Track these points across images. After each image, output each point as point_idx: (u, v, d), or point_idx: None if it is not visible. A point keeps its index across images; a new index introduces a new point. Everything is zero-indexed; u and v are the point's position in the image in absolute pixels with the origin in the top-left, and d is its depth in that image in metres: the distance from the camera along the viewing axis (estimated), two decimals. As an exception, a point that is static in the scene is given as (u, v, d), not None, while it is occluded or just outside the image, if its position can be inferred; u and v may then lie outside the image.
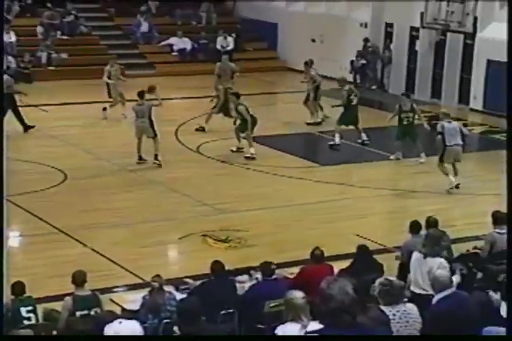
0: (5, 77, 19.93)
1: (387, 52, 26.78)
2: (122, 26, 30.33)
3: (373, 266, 10.44)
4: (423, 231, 11.20)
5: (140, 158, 17.73)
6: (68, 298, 9.22)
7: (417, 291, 9.42)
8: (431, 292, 8.17)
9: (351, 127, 19.75)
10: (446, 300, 7.52)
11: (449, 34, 24.47)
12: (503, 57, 22.40)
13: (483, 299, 8.77)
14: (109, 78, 22.02)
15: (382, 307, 7.34)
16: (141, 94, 17.94)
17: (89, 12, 30.39)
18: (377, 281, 7.64)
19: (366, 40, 26.81)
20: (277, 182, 17.07)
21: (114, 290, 11.46)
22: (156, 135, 17.70)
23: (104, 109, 21.92)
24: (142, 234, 13.86)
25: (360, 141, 19.88)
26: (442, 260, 9.43)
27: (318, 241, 11.59)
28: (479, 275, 10.68)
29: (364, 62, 26.92)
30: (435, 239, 9.74)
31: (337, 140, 19.52)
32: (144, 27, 29.83)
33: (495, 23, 23.49)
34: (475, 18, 23.36)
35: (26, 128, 20.02)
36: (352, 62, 27.26)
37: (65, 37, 28.82)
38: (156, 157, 17.62)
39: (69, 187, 16.17)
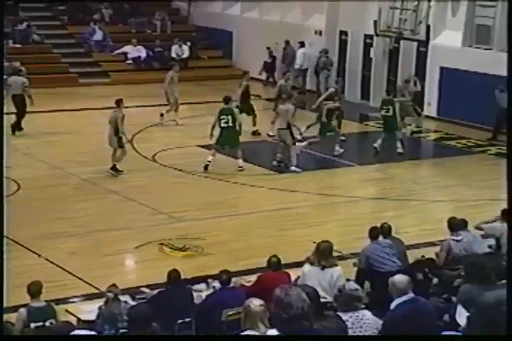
0: (22, 78, 21.15)
1: (323, 57, 27.02)
2: (76, 35, 30.12)
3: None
4: (381, 238, 11.29)
5: (113, 167, 17.49)
6: (23, 310, 9.10)
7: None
8: (329, 299, 9.05)
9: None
10: (404, 306, 7.55)
11: (402, 42, 24.68)
12: (456, 65, 22.89)
13: (439, 304, 8.85)
14: (168, 84, 21.98)
15: (339, 313, 7.35)
16: (118, 102, 17.89)
17: (42, 20, 30.14)
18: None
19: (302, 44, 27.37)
20: (235, 190, 17.05)
21: (70, 300, 11.34)
22: (120, 146, 17.51)
23: (162, 115, 21.92)
24: (99, 243, 13.75)
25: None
26: (339, 268, 9.78)
27: (276, 249, 11.60)
28: (435, 280, 10.76)
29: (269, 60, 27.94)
30: (327, 250, 9.86)
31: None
32: (98, 35, 29.67)
33: (447, 31, 23.76)
34: (428, 26, 23.59)
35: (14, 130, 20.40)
36: (265, 62, 28.11)
37: (18, 45, 28.53)
38: (113, 167, 17.45)
39: (23, 197, 15.99)
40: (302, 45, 27.42)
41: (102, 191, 16.58)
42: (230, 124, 17.94)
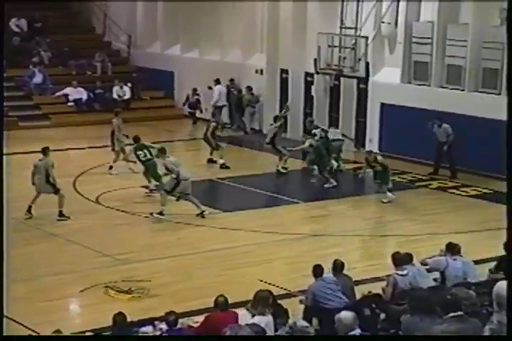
0: None
1: (247, 95, 27.48)
2: (15, 77, 29.89)
3: (278, 311, 10.40)
4: (326, 274, 11.28)
5: (29, 209, 17.33)
6: (-36, 359, 8.87)
7: None
8: None
9: None
10: (351, 343, 7.53)
11: (342, 79, 24.96)
12: (396, 100, 23.22)
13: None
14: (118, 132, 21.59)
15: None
16: (44, 151, 17.80)
17: (-19, 64, 29.92)
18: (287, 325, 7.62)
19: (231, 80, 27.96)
20: (179, 230, 16.96)
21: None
22: (56, 191, 17.37)
23: (111, 167, 21.34)
24: (42, 288, 13.53)
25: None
26: (269, 317, 9.58)
27: (222, 288, 11.52)
28: (382, 316, 10.76)
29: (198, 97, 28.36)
30: (263, 299, 9.78)
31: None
32: (38, 78, 29.50)
33: (386, 68, 24.12)
34: (367, 63, 23.93)
35: None
36: (187, 96, 28.65)
37: (-44, 89, 28.24)
38: (60, 213, 17.29)
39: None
40: (218, 82, 27.93)
41: (44, 235, 16.36)
42: (149, 157, 19.28)
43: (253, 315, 9.76)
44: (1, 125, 14.78)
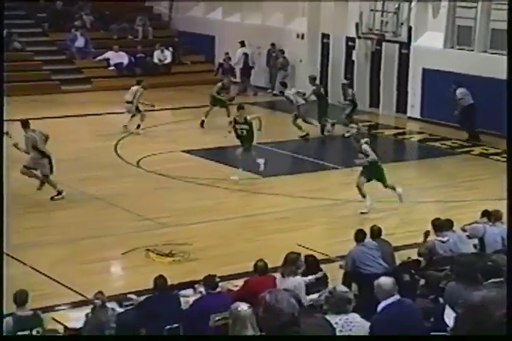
0: None
1: (280, 58, 27.45)
2: (57, 41, 30.03)
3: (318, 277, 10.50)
4: (367, 240, 11.30)
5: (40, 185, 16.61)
6: (9, 319, 9.04)
7: None
8: None
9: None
10: (390, 308, 7.55)
11: (384, 44, 24.73)
12: (438, 66, 22.95)
13: (427, 305, 8.85)
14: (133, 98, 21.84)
15: (327, 316, 7.33)
16: (23, 125, 16.67)
17: (23, 28, 29.99)
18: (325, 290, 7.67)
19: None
20: (219, 194, 17.02)
21: (56, 308, 11.28)
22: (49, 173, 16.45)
23: (138, 126, 21.78)
24: (84, 250, 13.69)
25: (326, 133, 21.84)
26: (299, 278, 9.98)
27: (261, 253, 11.58)
28: (422, 282, 10.77)
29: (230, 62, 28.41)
30: (292, 261, 10.09)
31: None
32: (80, 42, 29.58)
33: (429, 32, 23.82)
34: (409, 28, 23.65)
35: None
36: (220, 64, 28.67)
37: (-1, 53, 28.43)
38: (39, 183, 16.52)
39: (6, 204, 15.86)
40: (242, 44, 28.16)
41: (86, 198, 16.51)
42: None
43: (283, 276, 9.95)
44: (1, 124, 14.69)
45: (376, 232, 11.59)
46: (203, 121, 22.52)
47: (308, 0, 26.86)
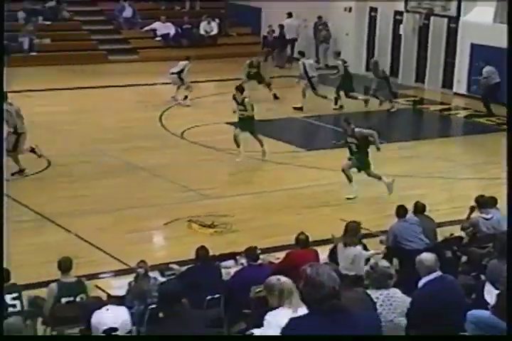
0: None
1: (324, 31, 27.41)
2: (105, 11, 30.15)
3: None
4: (409, 215, 11.27)
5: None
6: (53, 285, 9.20)
7: (343, 272, 9.67)
8: (351, 273, 9.47)
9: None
10: (431, 284, 7.55)
11: (432, 18, 24.45)
12: (487, 41, 22.65)
13: (468, 282, 8.83)
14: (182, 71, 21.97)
15: (368, 291, 7.36)
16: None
17: (72, -3, 30.20)
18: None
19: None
20: (262, 167, 17.05)
21: (100, 276, 11.43)
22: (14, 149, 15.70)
23: (185, 97, 21.95)
24: (127, 220, 13.82)
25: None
26: (359, 248, 10.24)
27: (303, 226, 11.60)
28: (464, 258, 10.73)
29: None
30: (353, 230, 10.31)
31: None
32: (127, 12, 29.67)
33: (478, 7, 23.50)
34: (459, 2, 23.34)
35: None
36: (265, 37, 28.76)
37: (47, 22, 28.61)
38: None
39: (52, 173, 16.09)
40: (290, 15, 28.23)
41: (130, 168, 16.64)
42: None
43: (345, 246, 10.15)
44: (1, 124, 14.66)
45: (420, 208, 11.55)
46: (275, 94, 22.89)
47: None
